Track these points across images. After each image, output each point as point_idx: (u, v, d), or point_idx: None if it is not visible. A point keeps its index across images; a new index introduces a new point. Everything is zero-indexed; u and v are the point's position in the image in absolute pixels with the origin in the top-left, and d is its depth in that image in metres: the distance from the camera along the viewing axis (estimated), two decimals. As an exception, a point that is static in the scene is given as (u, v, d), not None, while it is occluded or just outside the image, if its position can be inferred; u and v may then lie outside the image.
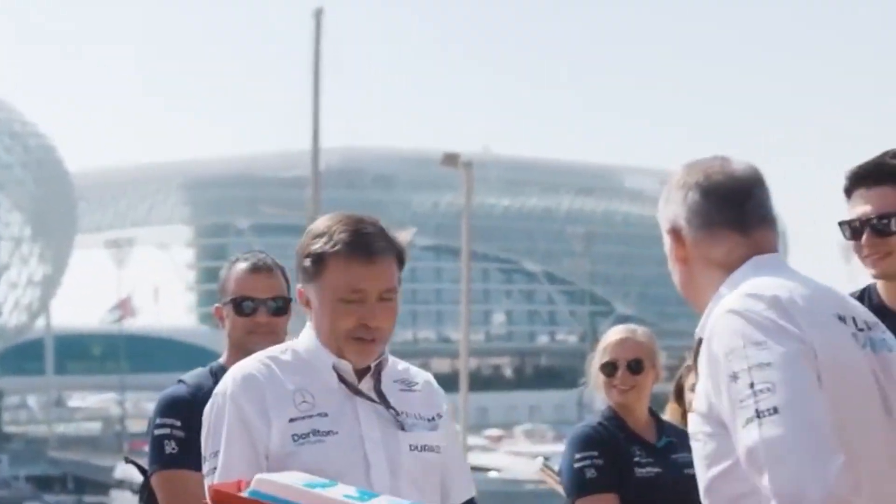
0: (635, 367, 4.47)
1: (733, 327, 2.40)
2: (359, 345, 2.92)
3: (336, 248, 2.90)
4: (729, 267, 2.58)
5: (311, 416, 2.88)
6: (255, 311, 3.88)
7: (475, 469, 42.89)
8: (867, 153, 3.48)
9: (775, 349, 2.34)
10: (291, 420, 2.87)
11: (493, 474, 46.32)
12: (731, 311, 2.42)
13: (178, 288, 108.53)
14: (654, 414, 4.57)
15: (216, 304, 4.05)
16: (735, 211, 2.61)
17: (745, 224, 2.61)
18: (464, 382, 29.39)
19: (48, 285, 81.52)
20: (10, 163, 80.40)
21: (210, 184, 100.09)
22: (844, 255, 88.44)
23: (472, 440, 46.73)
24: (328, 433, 2.87)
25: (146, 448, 3.89)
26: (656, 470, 4.36)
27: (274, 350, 3.03)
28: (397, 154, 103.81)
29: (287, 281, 3.96)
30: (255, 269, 3.93)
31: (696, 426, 2.49)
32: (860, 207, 3.40)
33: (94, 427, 79.77)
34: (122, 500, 51.11)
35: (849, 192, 3.43)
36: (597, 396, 4.67)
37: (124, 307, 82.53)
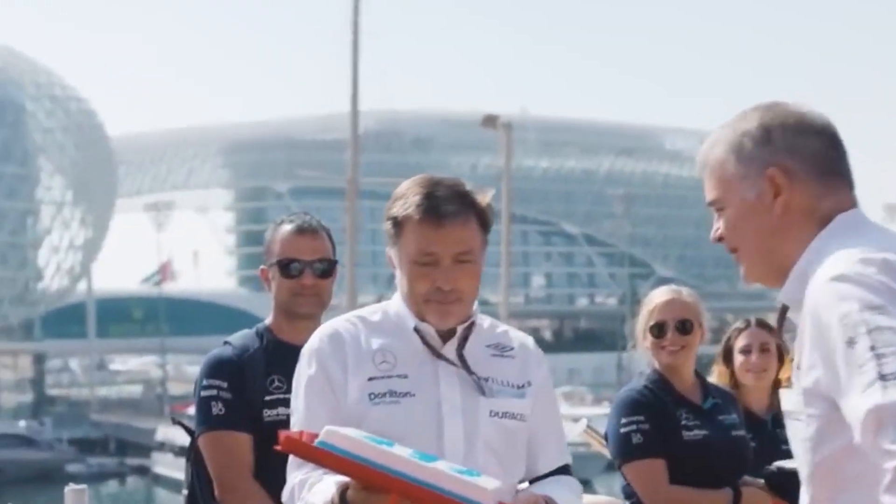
0: (684, 327, 4.41)
1: (844, 292, 2.20)
2: (437, 307, 2.90)
3: (409, 211, 2.89)
4: (825, 221, 2.38)
5: (389, 377, 2.89)
6: (301, 273, 3.84)
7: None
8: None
9: (894, 313, 2.16)
10: (370, 379, 2.88)
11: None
12: (838, 276, 2.23)
13: (218, 251, 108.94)
14: (698, 375, 4.52)
15: (262, 266, 3.99)
16: (845, 161, 2.45)
17: (850, 176, 2.45)
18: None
19: (89, 249, 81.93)
20: (51, 127, 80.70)
21: (249, 147, 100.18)
22: (888, 216, 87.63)
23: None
24: (405, 395, 2.87)
25: (188, 411, 3.88)
26: (703, 432, 4.31)
27: (364, 310, 3.04)
28: (436, 116, 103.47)
29: (332, 243, 3.94)
30: (301, 230, 3.88)
31: (796, 404, 2.31)
32: None
33: (136, 390, 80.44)
34: (163, 462, 51.52)
35: None
36: (639, 359, 4.62)
37: (164, 271, 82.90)
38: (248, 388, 3.71)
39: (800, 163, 2.39)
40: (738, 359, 4.87)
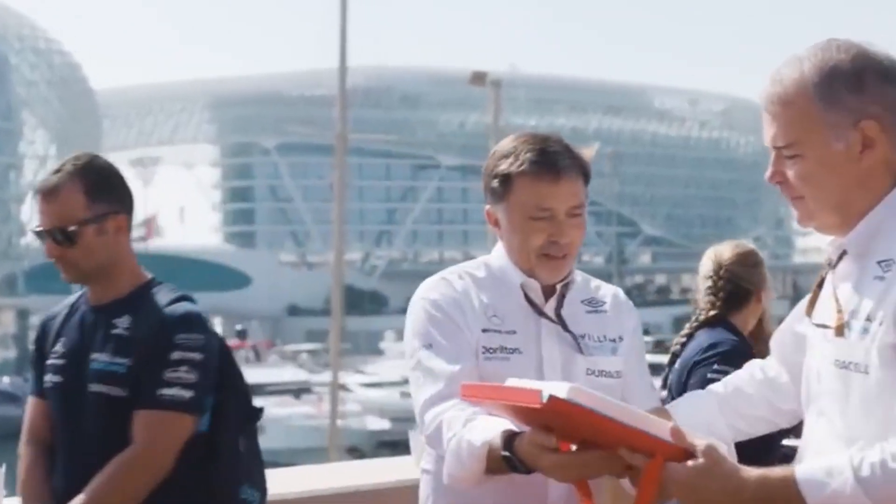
0: None
1: None
2: (550, 261, 2.95)
3: (523, 167, 2.91)
4: None
5: (500, 332, 2.92)
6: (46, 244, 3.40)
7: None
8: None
9: None
10: (484, 331, 2.92)
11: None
12: None
13: (204, 207, 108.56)
14: None
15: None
16: None
17: None
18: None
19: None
20: (34, 80, 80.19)
21: (236, 102, 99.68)
22: None
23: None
24: (514, 351, 2.91)
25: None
26: None
27: (468, 265, 3.07)
28: (424, 73, 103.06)
29: (97, 189, 3.36)
30: (40, 191, 3.41)
31: (864, 356, 2.25)
32: None
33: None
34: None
35: None
36: None
37: (150, 226, 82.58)
38: (47, 353, 3.45)
39: (890, 115, 2.30)
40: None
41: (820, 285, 2.44)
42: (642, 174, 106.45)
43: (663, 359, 4.47)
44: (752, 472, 2.25)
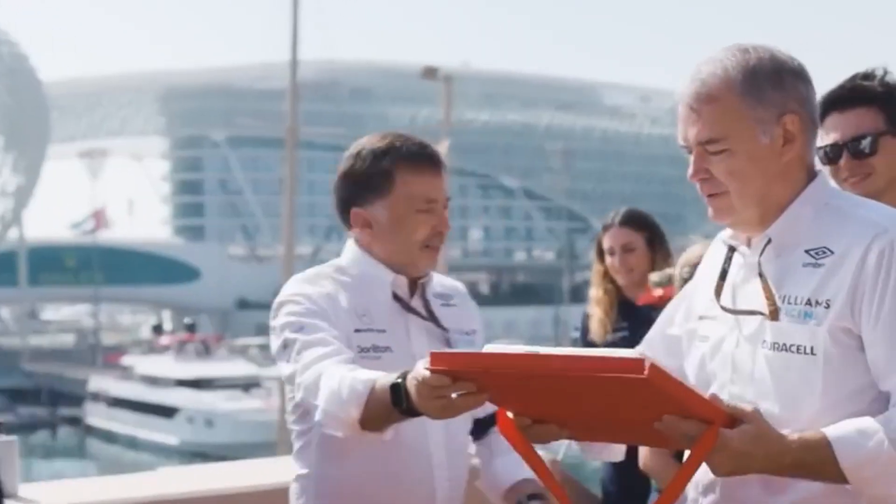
0: None
1: None
2: (432, 252, 3.01)
3: (407, 161, 2.97)
4: (811, 169, 2.47)
5: (372, 331, 2.94)
6: None
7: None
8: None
9: None
10: (357, 331, 2.93)
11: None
12: None
13: (153, 200, 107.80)
14: None
15: None
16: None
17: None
18: (441, 299, 29.16)
19: (21, 196, 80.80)
20: (-19, 71, 79.33)
21: (186, 95, 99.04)
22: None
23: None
24: (385, 349, 2.93)
25: (121, 361, 3.55)
26: None
27: (325, 269, 3.08)
28: (376, 67, 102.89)
29: None
30: None
31: (808, 338, 2.35)
32: (834, 132, 3.32)
33: (68, 339, 79.48)
34: (95, 412, 51.02)
35: (822, 117, 3.30)
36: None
37: (98, 219, 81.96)
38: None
39: (806, 112, 2.43)
40: (607, 259, 5.00)
41: (723, 276, 2.50)
42: (593, 170, 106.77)
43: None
44: (792, 436, 2.29)
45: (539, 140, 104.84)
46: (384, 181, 2.96)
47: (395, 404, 2.52)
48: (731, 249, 2.52)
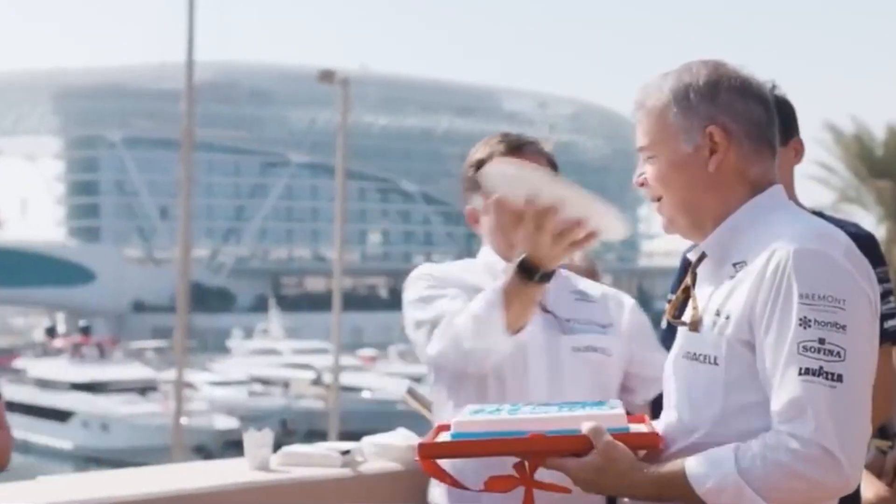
0: None
1: (819, 272, 2.32)
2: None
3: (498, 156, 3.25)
4: (755, 185, 2.48)
5: None
6: None
7: (347, 389, 42.68)
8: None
9: (852, 314, 2.30)
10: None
11: (365, 394, 46.26)
12: (816, 251, 2.33)
13: (47, 201, 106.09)
14: None
15: None
16: (775, 131, 2.53)
17: (776, 146, 2.53)
18: (338, 302, 29.07)
19: (-90, 195, 79.09)
20: None
21: (81, 94, 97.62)
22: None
23: (346, 360, 46.51)
24: None
25: (12, 364, 3.49)
26: None
27: (457, 262, 3.33)
28: (274, 69, 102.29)
29: None
30: None
31: (713, 348, 2.41)
32: None
33: (-41, 341, 78.02)
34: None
35: None
36: None
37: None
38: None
39: (739, 125, 2.46)
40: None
41: (686, 290, 2.57)
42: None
43: None
44: (650, 468, 2.38)
45: (438, 145, 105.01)
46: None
47: (524, 276, 2.80)
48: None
